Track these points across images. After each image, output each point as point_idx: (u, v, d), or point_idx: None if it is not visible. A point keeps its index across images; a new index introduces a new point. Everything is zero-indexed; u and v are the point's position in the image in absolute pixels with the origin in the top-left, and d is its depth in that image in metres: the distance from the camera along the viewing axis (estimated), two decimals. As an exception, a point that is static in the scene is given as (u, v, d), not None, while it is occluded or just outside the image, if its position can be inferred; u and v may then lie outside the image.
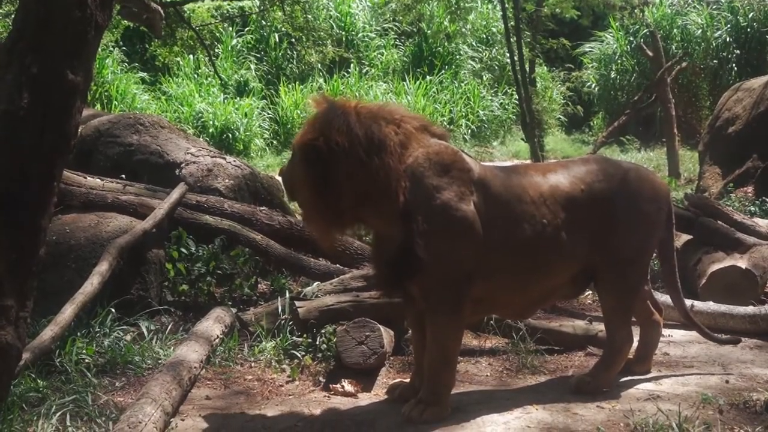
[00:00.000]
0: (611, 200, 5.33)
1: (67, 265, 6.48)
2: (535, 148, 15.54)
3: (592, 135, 22.86)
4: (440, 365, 5.05)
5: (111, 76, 19.60)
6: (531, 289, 5.30)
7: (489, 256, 4.99)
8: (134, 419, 4.39)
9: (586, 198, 5.29)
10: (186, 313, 6.75)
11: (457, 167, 5.02)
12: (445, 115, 21.33)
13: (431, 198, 4.92)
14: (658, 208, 5.53)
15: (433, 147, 5.05)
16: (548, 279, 5.33)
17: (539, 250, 5.14)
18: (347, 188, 4.91)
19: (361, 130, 4.92)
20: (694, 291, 7.47)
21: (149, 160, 8.37)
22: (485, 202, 5.02)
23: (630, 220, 5.37)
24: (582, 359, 6.16)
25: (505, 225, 5.06)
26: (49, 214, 3.82)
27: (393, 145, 4.94)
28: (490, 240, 4.98)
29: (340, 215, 5.03)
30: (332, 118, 4.94)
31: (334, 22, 23.38)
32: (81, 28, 3.69)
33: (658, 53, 16.48)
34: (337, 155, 4.86)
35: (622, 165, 5.63)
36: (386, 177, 4.89)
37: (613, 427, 4.79)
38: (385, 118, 5.03)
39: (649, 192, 5.50)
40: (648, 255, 5.71)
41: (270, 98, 20.95)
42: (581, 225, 5.26)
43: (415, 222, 4.88)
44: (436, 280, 4.94)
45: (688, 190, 11.94)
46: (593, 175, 5.37)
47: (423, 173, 4.94)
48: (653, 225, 5.54)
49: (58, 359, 5.37)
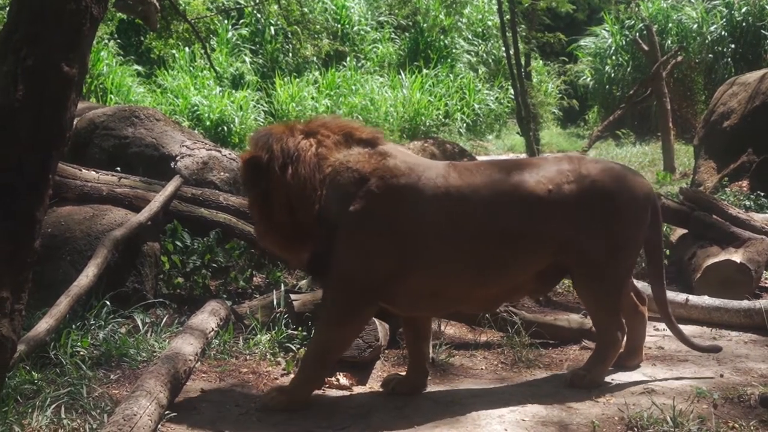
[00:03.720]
0: (582, 201, 5.25)
1: (63, 258, 6.48)
2: (530, 142, 15.54)
3: (587, 129, 22.88)
4: (312, 363, 5.14)
5: (106, 69, 19.54)
6: (490, 284, 5.26)
7: (429, 255, 5.02)
8: (129, 412, 4.38)
9: (554, 198, 5.21)
10: (181, 306, 6.75)
11: (376, 176, 5.03)
12: (440, 109, 21.33)
13: (342, 207, 4.99)
14: (638, 207, 5.46)
15: (352, 155, 5.10)
16: (507, 275, 5.27)
17: (491, 247, 5.13)
18: (275, 202, 5.07)
19: (277, 144, 5.06)
20: (689, 285, 7.50)
21: (144, 153, 8.36)
22: (419, 206, 5.02)
23: (604, 220, 5.29)
24: (577, 353, 6.18)
25: (451, 225, 5.05)
26: (44, 206, 3.81)
27: (308, 156, 5.04)
28: (429, 240, 5.01)
29: (284, 230, 5.14)
30: (258, 137, 5.18)
31: (330, 15, 23.34)
32: (76, 20, 3.67)
33: (654, 47, 16.49)
34: (266, 172, 5.05)
35: (599, 165, 5.50)
36: (301, 188, 5.02)
37: (607, 421, 4.80)
38: (305, 131, 5.17)
39: (627, 192, 5.40)
40: (628, 254, 5.54)
41: (266, 91, 20.92)
42: (546, 224, 5.21)
43: (327, 229, 4.99)
44: (338, 285, 5.06)
45: (683, 184, 11.95)
46: (563, 176, 5.29)
47: (338, 183, 5.02)
48: (632, 225, 5.44)
49: (53, 351, 5.36)
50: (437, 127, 20.79)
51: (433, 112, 20.97)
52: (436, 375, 5.69)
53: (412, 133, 19.92)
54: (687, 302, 6.95)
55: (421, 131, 20.10)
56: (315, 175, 5.02)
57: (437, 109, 21.26)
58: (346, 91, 21.06)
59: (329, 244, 4.99)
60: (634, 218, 5.44)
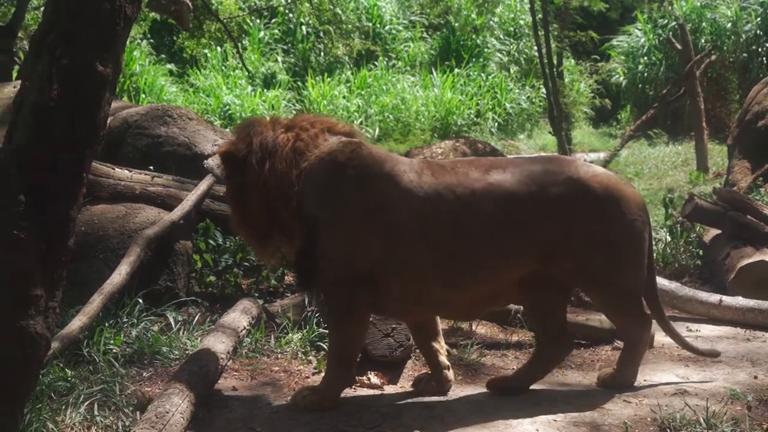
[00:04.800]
0: (572, 205, 5.06)
1: (96, 256, 6.52)
2: (562, 141, 15.50)
3: (619, 128, 22.73)
4: (334, 362, 5.12)
5: (139, 68, 19.67)
6: (464, 288, 5.09)
7: (403, 254, 4.95)
8: (162, 409, 4.40)
9: (537, 200, 5.03)
10: (213, 305, 6.77)
11: (352, 164, 5.01)
12: (471, 108, 21.27)
13: (320, 199, 4.98)
14: (633, 213, 5.19)
15: (329, 146, 5.08)
16: (482, 279, 5.09)
17: (463, 248, 4.98)
18: (253, 196, 5.09)
19: (257, 138, 5.08)
20: (723, 286, 7.44)
21: (177, 152, 8.39)
22: (392, 199, 4.97)
23: (598, 226, 5.11)
24: (609, 353, 6.14)
25: (421, 223, 4.95)
26: (78, 204, 3.83)
27: (285, 151, 5.04)
28: (401, 238, 4.94)
29: (260, 224, 5.18)
30: (240, 129, 5.26)
31: (362, 14, 23.35)
32: (110, 19, 3.70)
33: (687, 46, 16.37)
34: (243, 164, 5.08)
35: (591, 169, 5.28)
36: (278, 182, 5.02)
37: (640, 422, 4.77)
38: (286, 126, 5.17)
39: (621, 198, 5.17)
40: (630, 265, 5.25)
41: (297, 90, 20.96)
42: (526, 227, 5.04)
43: (307, 224, 4.97)
44: (327, 280, 5.03)
45: (716, 184, 11.87)
46: (551, 177, 5.10)
47: (314, 175, 5.00)
48: (629, 230, 5.18)
49: (86, 349, 5.40)
50: (468, 127, 20.74)
51: (465, 112, 20.91)
52: (467, 375, 5.68)
53: (443, 132, 19.88)
54: (721, 303, 6.90)
55: (452, 131, 20.06)
56: (292, 171, 5.01)
57: (468, 108, 21.21)
58: (377, 90, 21.05)
59: (311, 239, 4.99)
60: (630, 223, 5.18)
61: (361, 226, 4.94)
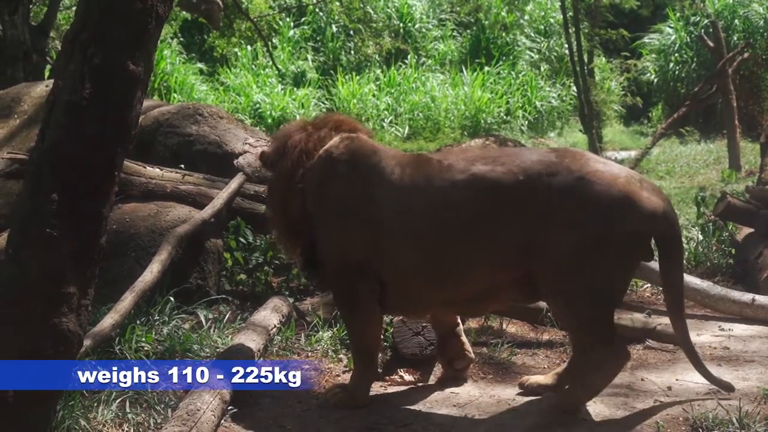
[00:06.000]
0: (559, 199, 4.63)
1: (127, 254, 6.55)
2: (593, 139, 15.44)
3: (651, 126, 22.58)
4: (355, 356, 5.23)
5: (170, 67, 19.76)
6: (448, 286, 4.92)
7: (389, 248, 4.93)
8: (193, 407, 4.43)
9: (523, 191, 4.67)
10: (243, 303, 6.79)
11: (342, 159, 5.09)
12: (502, 106, 21.20)
13: (315, 194, 5.09)
14: (630, 232, 4.63)
15: (329, 143, 5.17)
16: (469, 275, 4.83)
17: (445, 243, 4.79)
18: (274, 195, 5.37)
19: (285, 140, 5.27)
20: (756, 285, 7.37)
21: (208, 150, 8.41)
22: (375, 191, 4.98)
23: (580, 225, 4.62)
24: (640, 352, 6.10)
25: (402, 216, 4.90)
26: (110, 203, 3.86)
27: (296, 151, 5.15)
28: (385, 232, 4.92)
29: (283, 223, 5.33)
30: (276, 133, 5.58)
31: (392, 13, 23.33)
32: (142, 18, 3.72)
33: (719, 44, 16.25)
34: (270, 167, 5.37)
35: (596, 167, 4.70)
36: (287, 181, 5.16)
37: (672, 422, 4.74)
38: (313, 126, 5.30)
39: (613, 208, 4.60)
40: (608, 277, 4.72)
41: (327, 89, 20.99)
42: (509, 222, 4.70)
43: (308, 219, 5.10)
44: (330, 272, 5.13)
45: (749, 182, 11.76)
46: (547, 168, 4.70)
47: (313, 172, 5.11)
48: (615, 246, 4.64)
49: (118, 346, 5.42)
50: (498, 125, 20.67)
51: (495, 110, 20.85)
52: (498, 374, 5.67)
53: (473, 130, 19.83)
54: (753, 302, 6.83)
55: (482, 129, 20.00)
56: (297, 170, 5.12)
57: (498, 106, 21.13)
58: (407, 88, 21.03)
59: (311, 234, 5.12)
60: (624, 232, 4.62)
61: (349, 219, 5.01)
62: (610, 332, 4.78)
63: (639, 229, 4.65)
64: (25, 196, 3.79)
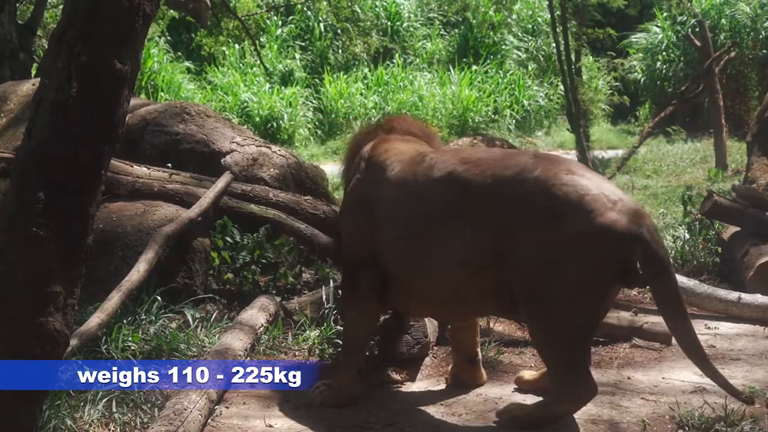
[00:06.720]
0: (520, 205, 4.49)
1: (114, 253, 6.53)
2: (580, 138, 15.43)
3: (638, 125, 22.62)
4: (342, 348, 5.37)
5: (157, 66, 19.73)
6: (425, 288, 4.87)
7: (385, 244, 4.97)
8: (180, 406, 4.43)
9: (493, 195, 4.56)
10: (231, 302, 6.78)
11: (365, 158, 5.26)
12: (489, 105, 21.22)
13: (344, 192, 5.52)
14: (590, 252, 4.34)
15: (368, 146, 5.37)
16: (454, 277, 4.71)
17: (429, 242, 4.74)
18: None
19: (348, 144, 5.68)
20: (742, 283, 7.40)
21: (195, 149, 8.40)
22: (376, 189, 5.09)
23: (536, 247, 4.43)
24: (627, 351, 6.11)
25: (395, 213, 4.95)
26: (97, 202, 3.85)
27: (357, 159, 5.37)
28: (381, 228, 4.98)
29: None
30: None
31: (380, 11, 23.32)
32: (129, 17, 3.71)
33: (706, 43, 16.29)
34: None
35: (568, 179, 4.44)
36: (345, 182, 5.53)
37: (658, 420, 4.76)
38: (366, 132, 5.62)
39: (567, 226, 4.36)
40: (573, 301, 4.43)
41: (314, 87, 20.98)
42: (481, 226, 4.58)
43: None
44: (342, 263, 5.47)
45: (735, 181, 11.80)
46: (520, 174, 4.53)
47: (350, 173, 5.45)
48: (570, 270, 4.38)
49: (105, 346, 5.41)
50: (486, 124, 20.70)
51: (482, 109, 20.87)
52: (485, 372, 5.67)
53: (460, 129, 19.85)
54: (739, 300, 6.86)
55: (469, 128, 20.02)
56: (350, 172, 5.43)
57: (486, 105, 21.16)
58: (394, 87, 21.06)
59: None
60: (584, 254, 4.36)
61: (357, 215, 5.17)
62: (578, 364, 4.56)
63: (600, 250, 4.34)
64: (12, 195, 3.78)
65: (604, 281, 4.45)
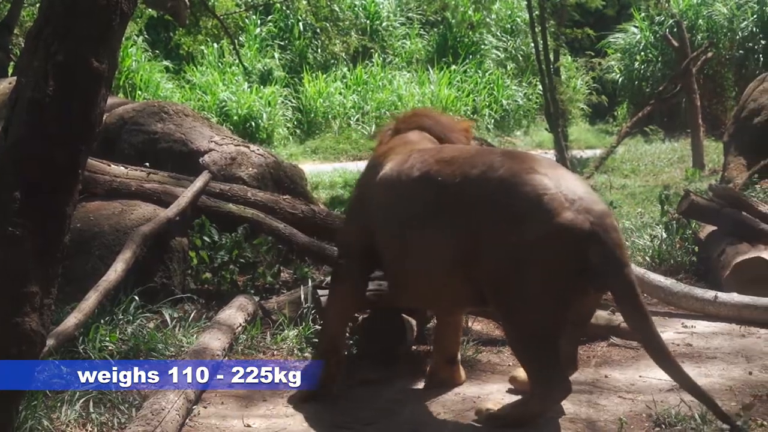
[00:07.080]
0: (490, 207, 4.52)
1: (91, 253, 6.51)
2: (558, 138, 15.47)
3: (616, 125, 22.70)
4: (319, 338, 5.56)
5: (135, 65, 19.66)
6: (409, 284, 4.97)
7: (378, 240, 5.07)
8: (157, 406, 4.41)
9: (461, 195, 4.62)
10: (209, 301, 6.76)
11: (373, 156, 5.51)
12: (468, 105, 21.27)
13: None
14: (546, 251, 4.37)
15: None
16: (428, 273, 4.77)
17: (405, 238, 4.83)
18: None
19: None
20: (718, 282, 7.44)
21: (173, 149, 8.38)
22: (371, 185, 5.23)
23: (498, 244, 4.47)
24: (605, 350, 6.13)
25: (382, 209, 5.07)
26: (74, 201, 3.83)
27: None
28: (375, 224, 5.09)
29: None
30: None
31: (359, 11, 23.30)
32: (106, 15, 3.69)
33: (684, 44, 16.37)
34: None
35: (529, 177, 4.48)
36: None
37: (635, 418, 4.78)
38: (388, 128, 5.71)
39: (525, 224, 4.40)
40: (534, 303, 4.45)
41: (293, 87, 20.95)
42: (451, 224, 4.63)
43: None
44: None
45: (712, 181, 11.86)
46: (487, 173, 4.59)
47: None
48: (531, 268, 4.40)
49: (82, 346, 5.39)
50: (465, 123, 20.73)
51: (461, 108, 20.90)
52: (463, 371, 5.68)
53: (439, 129, 19.87)
54: (716, 299, 6.89)
55: (448, 127, 20.04)
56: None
57: (465, 105, 21.20)
58: (373, 87, 21.06)
59: None
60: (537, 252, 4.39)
61: (352, 207, 5.46)
62: (548, 361, 4.52)
63: (558, 249, 4.36)
64: (-13, 194, 3.76)
65: (564, 280, 4.43)
